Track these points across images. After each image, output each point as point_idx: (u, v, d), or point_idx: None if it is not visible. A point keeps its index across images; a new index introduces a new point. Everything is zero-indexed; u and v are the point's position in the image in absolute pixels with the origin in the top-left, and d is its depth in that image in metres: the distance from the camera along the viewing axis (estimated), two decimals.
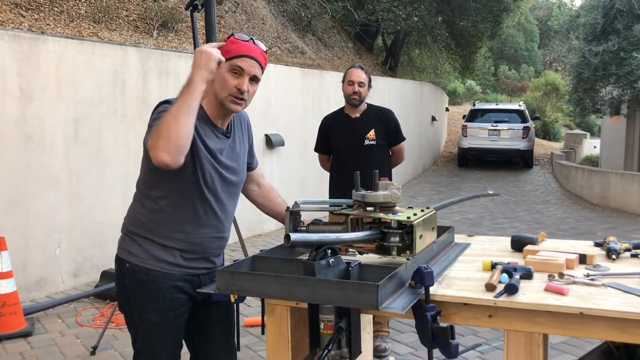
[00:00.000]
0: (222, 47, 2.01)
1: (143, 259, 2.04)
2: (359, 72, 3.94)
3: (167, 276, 2.04)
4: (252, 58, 2.02)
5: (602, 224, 8.89)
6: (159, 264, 2.03)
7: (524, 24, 34.89)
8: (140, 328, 2.08)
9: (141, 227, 2.05)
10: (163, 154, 1.82)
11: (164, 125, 1.83)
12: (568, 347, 3.90)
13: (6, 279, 4.15)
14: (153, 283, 2.03)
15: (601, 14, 11.83)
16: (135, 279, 2.05)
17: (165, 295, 2.04)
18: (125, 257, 2.07)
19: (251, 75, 2.03)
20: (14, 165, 4.71)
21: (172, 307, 2.06)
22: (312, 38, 12.04)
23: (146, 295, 2.04)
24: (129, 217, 2.11)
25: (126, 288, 2.08)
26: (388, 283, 1.75)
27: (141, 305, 2.05)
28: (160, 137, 1.82)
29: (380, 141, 3.94)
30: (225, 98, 2.02)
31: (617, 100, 12.25)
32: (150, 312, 2.04)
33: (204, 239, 2.08)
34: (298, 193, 8.06)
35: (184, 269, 2.06)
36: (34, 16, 5.76)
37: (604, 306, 1.70)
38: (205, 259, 2.12)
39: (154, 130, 1.87)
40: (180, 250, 2.04)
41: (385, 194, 2.09)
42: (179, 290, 2.06)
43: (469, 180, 14.25)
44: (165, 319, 2.05)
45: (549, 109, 27.18)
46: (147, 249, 2.04)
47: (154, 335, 2.06)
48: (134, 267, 2.05)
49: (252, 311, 4.59)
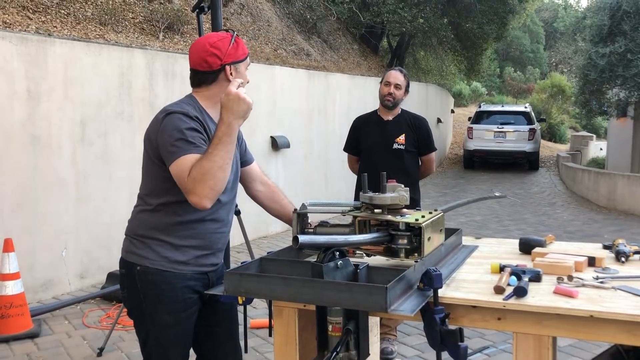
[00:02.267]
0: (238, 49, 2.07)
1: (155, 260, 2.04)
2: (397, 74, 3.88)
3: (180, 276, 2.05)
4: None
5: (609, 227, 8.85)
6: (171, 265, 2.04)
7: (530, 25, 34.80)
8: (153, 330, 2.08)
9: (150, 229, 2.06)
10: (206, 201, 1.86)
11: (210, 174, 1.84)
12: (576, 350, 3.88)
13: (13, 280, 4.16)
14: (167, 284, 2.04)
15: (608, 16, 11.79)
16: (147, 281, 2.05)
17: (178, 296, 2.05)
18: (135, 261, 2.07)
19: None
20: (21, 166, 4.73)
21: (185, 307, 2.08)
22: (318, 40, 12.04)
23: (160, 296, 2.04)
24: (136, 220, 2.11)
25: (137, 291, 2.07)
26: (396, 285, 1.74)
27: (154, 307, 2.06)
28: (206, 185, 1.84)
29: (410, 147, 3.86)
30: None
31: (623, 102, 12.19)
32: (164, 314, 2.05)
33: (212, 234, 2.11)
34: (303, 195, 8.05)
35: (194, 267, 2.08)
36: (41, 18, 5.79)
37: (613, 309, 1.69)
38: (213, 254, 2.14)
39: (195, 175, 1.84)
40: (193, 247, 2.06)
41: (394, 196, 2.08)
42: (191, 289, 2.08)
43: (475, 182, 14.21)
44: (178, 320, 2.07)
45: (554, 111, 27.09)
46: (158, 250, 2.04)
47: (166, 336, 2.07)
48: (145, 269, 2.05)
49: (258, 313, 4.59)
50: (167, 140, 1.93)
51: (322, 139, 9.00)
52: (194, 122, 1.97)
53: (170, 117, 1.97)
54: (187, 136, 1.92)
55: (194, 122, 1.97)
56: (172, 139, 1.92)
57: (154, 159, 2.01)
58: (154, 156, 2.01)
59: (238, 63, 2.07)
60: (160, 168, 1.99)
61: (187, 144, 1.91)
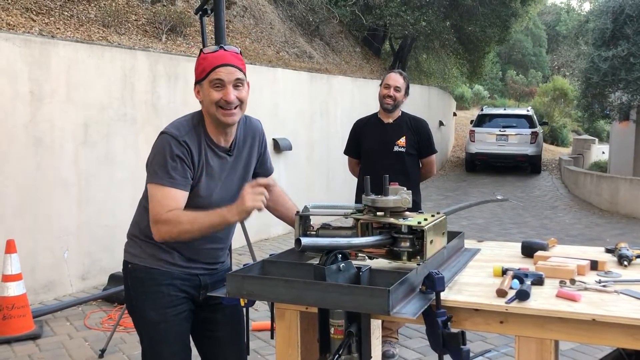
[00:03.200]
0: (196, 67, 2.03)
1: (142, 258, 2.09)
2: (397, 77, 3.87)
3: (166, 274, 2.08)
4: (227, 65, 1.98)
5: (612, 230, 8.84)
6: (158, 263, 2.08)
7: (532, 28, 34.83)
8: (143, 328, 2.13)
9: (141, 229, 2.11)
10: (160, 240, 1.98)
11: (183, 231, 1.93)
12: (578, 354, 3.87)
13: (15, 281, 4.17)
14: (151, 280, 2.07)
15: (610, 19, 11.79)
16: (135, 278, 2.10)
17: (163, 292, 2.07)
18: (128, 259, 2.14)
19: (233, 82, 1.98)
20: (23, 168, 4.74)
21: (171, 304, 2.08)
22: (320, 42, 12.06)
23: (145, 293, 2.08)
24: (133, 222, 2.18)
25: (129, 288, 2.14)
26: (399, 288, 1.74)
27: (141, 303, 2.10)
28: (173, 233, 1.94)
29: (410, 150, 3.85)
30: (216, 112, 2.00)
31: (626, 105, 12.19)
32: (149, 310, 2.08)
33: (204, 250, 2.13)
34: (305, 197, 8.06)
35: (182, 269, 2.10)
36: (44, 20, 5.80)
37: (616, 313, 1.68)
38: (207, 263, 2.16)
39: (171, 220, 1.92)
40: (180, 254, 2.09)
41: (396, 198, 2.08)
42: (177, 288, 2.09)
43: (477, 185, 14.20)
44: (164, 316, 2.08)
45: (557, 114, 27.10)
46: (146, 249, 2.09)
47: (156, 333, 2.10)
48: (135, 266, 2.10)
49: (259, 315, 4.58)
50: (151, 159, 2.01)
51: (324, 141, 9.01)
52: (180, 148, 1.98)
53: (161, 138, 2.01)
54: (168, 166, 1.96)
55: (180, 148, 1.98)
56: (155, 161, 1.99)
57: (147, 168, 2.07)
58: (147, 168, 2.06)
59: (200, 82, 2.03)
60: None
61: (165, 174, 1.96)
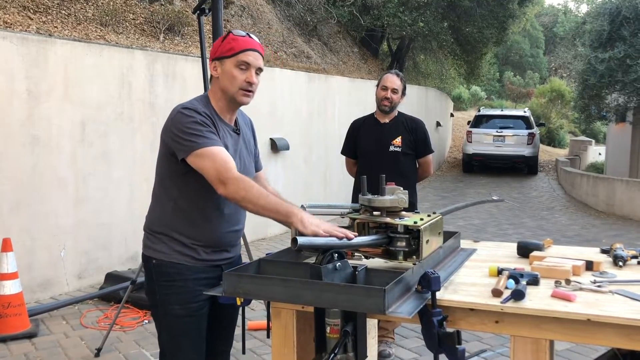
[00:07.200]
0: (223, 45, 2.09)
1: (169, 254, 2.12)
2: (394, 78, 3.84)
3: (193, 269, 2.12)
4: (255, 50, 2.10)
5: (608, 232, 8.86)
6: (184, 258, 2.11)
7: (530, 30, 34.89)
8: (165, 321, 2.16)
9: (164, 226, 2.13)
10: (232, 195, 1.96)
11: (253, 192, 1.95)
12: (573, 355, 3.88)
13: (11, 280, 4.16)
14: (178, 275, 2.11)
15: (607, 21, 11.82)
16: (162, 273, 2.13)
17: (189, 287, 2.11)
18: (151, 254, 2.16)
19: (256, 68, 2.11)
20: (20, 166, 4.73)
21: (195, 299, 2.12)
22: (318, 43, 12.06)
23: (171, 287, 2.11)
24: (151, 217, 2.20)
25: (153, 283, 2.16)
26: (395, 288, 1.75)
27: (166, 297, 2.13)
28: (240, 192, 1.95)
29: (406, 150, 3.84)
30: (236, 92, 2.09)
31: (622, 107, 12.23)
32: (174, 304, 2.12)
33: (223, 234, 2.16)
34: (302, 197, 8.07)
35: (207, 262, 2.14)
36: (41, 19, 5.80)
37: (611, 313, 1.69)
38: (225, 250, 2.20)
39: (244, 178, 1.97)
40: (202, 246, 2.12)
41: (392, 198, 2.09)
42: (203, 282, 2.12)
43: (474, 186, 14.22)
44: (189, 310, 2.12)
45: (554, 116, 27.15)
46: (171, 246, 2.12)
47: (178, 327, 2.13)
48: (160, 262, 2.13)
49: (255, 314, 4.59)
50: (180, 134, 2.01)
51: (321, 141, 9.01)
52: (202, 117, 2.04)
53: (181, 112, 2.05)
54: (204, 130, 2.00)
55: (202, 117, 2.04)
56: (186, 132, 2.00)
57: (169, 155, 2.08)
58: (168, 152, 2.07)
59: (222, 59, 2.09)
60: (175, 164, 2.06)
61: (207, 137, 2.00)
